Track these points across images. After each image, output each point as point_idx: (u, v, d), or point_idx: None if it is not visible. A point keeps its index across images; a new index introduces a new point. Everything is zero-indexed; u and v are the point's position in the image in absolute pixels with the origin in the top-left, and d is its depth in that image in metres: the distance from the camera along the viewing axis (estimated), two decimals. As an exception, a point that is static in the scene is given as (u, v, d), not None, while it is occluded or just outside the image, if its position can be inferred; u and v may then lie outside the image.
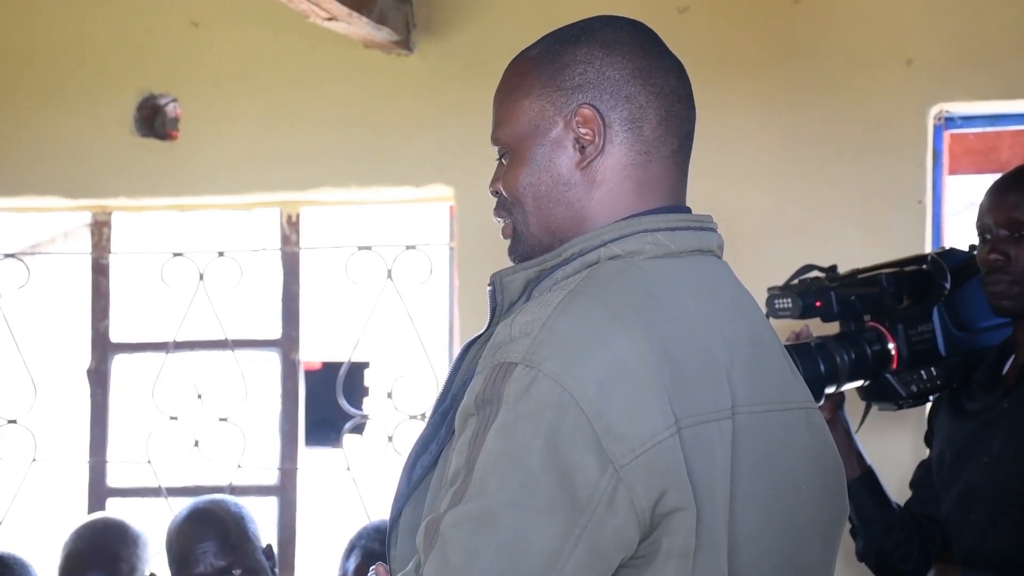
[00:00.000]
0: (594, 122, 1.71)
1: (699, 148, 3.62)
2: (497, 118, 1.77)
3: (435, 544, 1.55)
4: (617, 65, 1.73)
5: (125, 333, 4.24)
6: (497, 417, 1.55)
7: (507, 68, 1.78)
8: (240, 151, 3.95)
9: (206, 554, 2.93)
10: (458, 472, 1.57)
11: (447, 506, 1.56)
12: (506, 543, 1.53)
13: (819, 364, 2.68)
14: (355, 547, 3.17)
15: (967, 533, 2.65)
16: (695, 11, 3.69)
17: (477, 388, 1.59)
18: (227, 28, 3.97)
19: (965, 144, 3.77)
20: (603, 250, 1.68)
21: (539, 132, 1.73)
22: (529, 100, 1.73)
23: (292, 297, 4.06)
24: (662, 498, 1.56)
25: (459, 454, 1.58)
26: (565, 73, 1.73)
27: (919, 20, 3.56)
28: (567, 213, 1.73)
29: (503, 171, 1.77)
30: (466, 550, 1.53)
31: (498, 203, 1.78)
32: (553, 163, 1.73)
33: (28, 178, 4.05)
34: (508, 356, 1.58)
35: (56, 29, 4.05)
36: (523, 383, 1.56)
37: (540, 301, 1.63)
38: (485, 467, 1.54)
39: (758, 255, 3.55)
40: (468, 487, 1.55)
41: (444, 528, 1.54)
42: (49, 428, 4.39)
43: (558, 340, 1.57)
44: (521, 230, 1.75)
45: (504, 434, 1.55)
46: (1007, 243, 2.63)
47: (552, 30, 1.79)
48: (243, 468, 4.01)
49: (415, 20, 3.81)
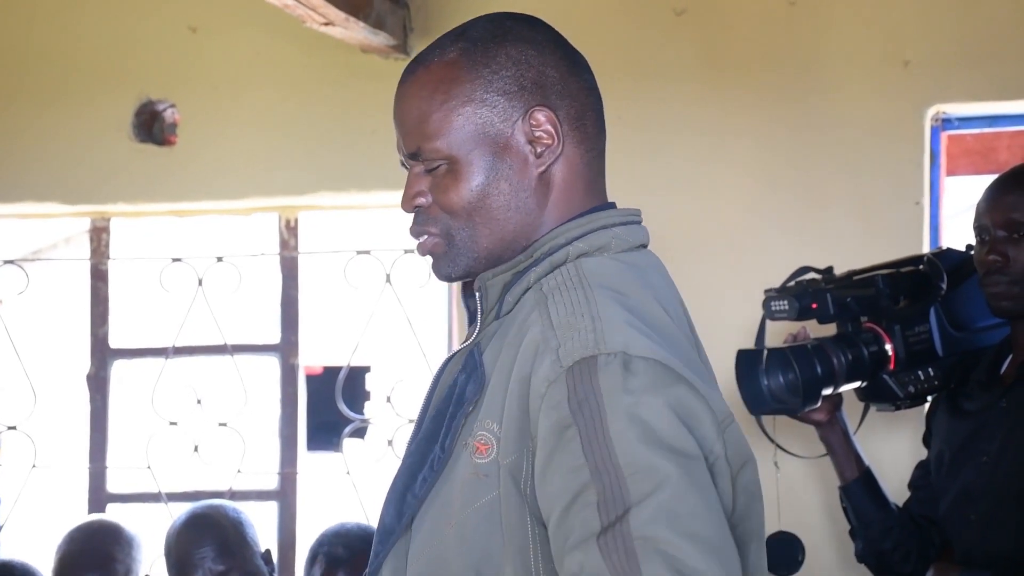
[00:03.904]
0: (551, 124, 1.67)
1: (698, 148, 3.65)
2: (424, 129, 1.66)
3: (644, 553, 1.42)
4: (553, 63, 1.69)
5: (124, 339, 4.24)
6: (608, 411, 1.48)
7: (414, 75, 1.69)
8: (238, 156, 3.95)
9: (205, 559, 2.93)
10: (586, 485, 1.46)
11: (608, 517, 1.44)
12: (697, 512, 1.46)
13: (816, 366, 2.67)
14: (318, 554, 3.15)
15: (966, 533, 2.64)
16: (692, 13, 3.69)
17: (557, 398, 1.50)
18: (225, 33, 3.97)
19: (963, 145, 3.77)
20: (570, 248, 1.66)
21: (487, 140, 1.65)
22: (470, 107, 1.65)
23: (291, 302, 4.06)
24: (742, 470, 1.58)
25: (575, 471, 1.47)
26: (503, 76, 1.66)
27: (916, 21, 3.57)
28: (525, 220, 1.67)
29: (435, 184, 1.67)
30: (682, 535, 1.43)
31: (423, 218, 1.69)
32: (511, 170, 1.66)
33: (27, 184, 4.05)
34: (579, 353, 1.51)
35: (54, 35, 4.05)
36: (618, 370, 1.50)
37: (554, 300, 1.59)
38: (635, 457, 1.46)
39: (756, 256, 3.55)
40: (625, 486, 1.45)
41: (641, 533, 1.43)
42: (49, 434, 4.39)
43: (621, 325, 1.54)
44: (464, 244, 1.67)
45: (634, 420, 1.48)
46: (1005, 244, 2.62)
47: (447, 32, 1.71)
48: (243, 473, 4.01)
49: (412, 24, 3.81)
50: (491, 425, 1.58)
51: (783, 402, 2.68)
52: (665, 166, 3.67)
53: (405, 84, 1.70)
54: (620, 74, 3.67)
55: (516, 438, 1.55)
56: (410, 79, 1.69)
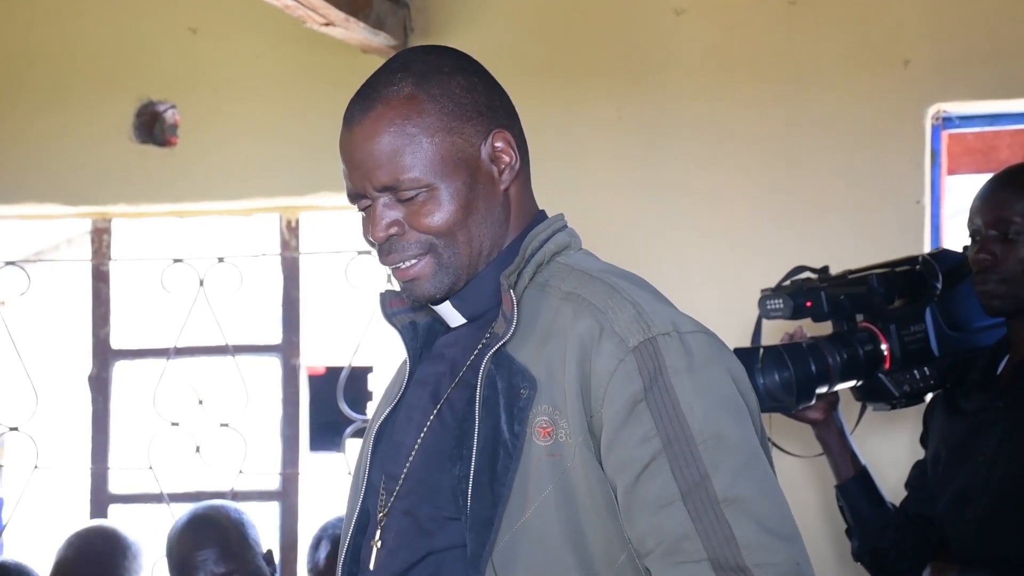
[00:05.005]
0: (511, 144, 1.81)
1: (697, 148, 3.65)
2: (400, 162, 1.75)
3: (732, 515, 1.62)
4: (494, 88, 1.82)
5: (126, 339, 4.25)
6: (675, 386, 1.65)
7: (372, 112, 1.76)
8: (239, 157, 3.95)
9: (206, 561, 2.94)
10: (657, 453, 1.64)
11: (685, 482, 1.62)
12: (763, 469, 1.68)
13: (810, 364, 2.69)
14: (322, 538, 3.17)
15: (963, 532, 2.64)
16: (691, 13, 3.68)
17: (628, 375, 1.66)
18: (225, 34, 3.98)
19: (963, 144, 3.77)
20: (544, 249, 1.81)
21: (460, 165, 1.77)
22: (439, 136, 1.76)
23: (292, 302, 4.07)
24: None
25: (645, 441, 1.64)
26: (462, 104, 1.78)
27: (916, 20, 3.56)
28: (498, 232, 1.81)
29: (412, 212, 1.76)
30: (760, 492, 1.64)
31: (401, 245, 1.78)
32: (484, 189, 1.78)
33: (28, 185, 4.06)
34: (640, 335, 1.67)
35: (55, 36, 4.05)
36: (678, 348, 1.68)
37: (588, 293, 1.73)
38: (705, 426, 1.65)
39: (756, 255, 3.55)
40: (698, 453, 1.63)
41: (725, 495, 1.62)
42: (51, 435, 4.38)
43: (657, 305, 1.73)
44: (450, 263, 1.78)
45: (699, 392, 1.66)
46: (995, 243, 2.63)
47: (374, 74, 1.81)
48: (244, 473, 4.01)
49: (412, 25, 3.81)
50: (547, 409, 1.69)
51: (778, 400, 2.69)
52: (665, 165, 3.67)
53: (363, 123, 1.77)
54: (619, 74, 3.67)
55: (578, 414, 1.68)
56: (368, 116, 1.77)
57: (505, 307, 1.75)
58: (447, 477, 1.72)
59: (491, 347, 1.73)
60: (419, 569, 1.74)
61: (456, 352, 1.82)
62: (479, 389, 1.72)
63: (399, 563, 1.76)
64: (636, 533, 1.66)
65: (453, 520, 1.72)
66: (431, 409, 1.80)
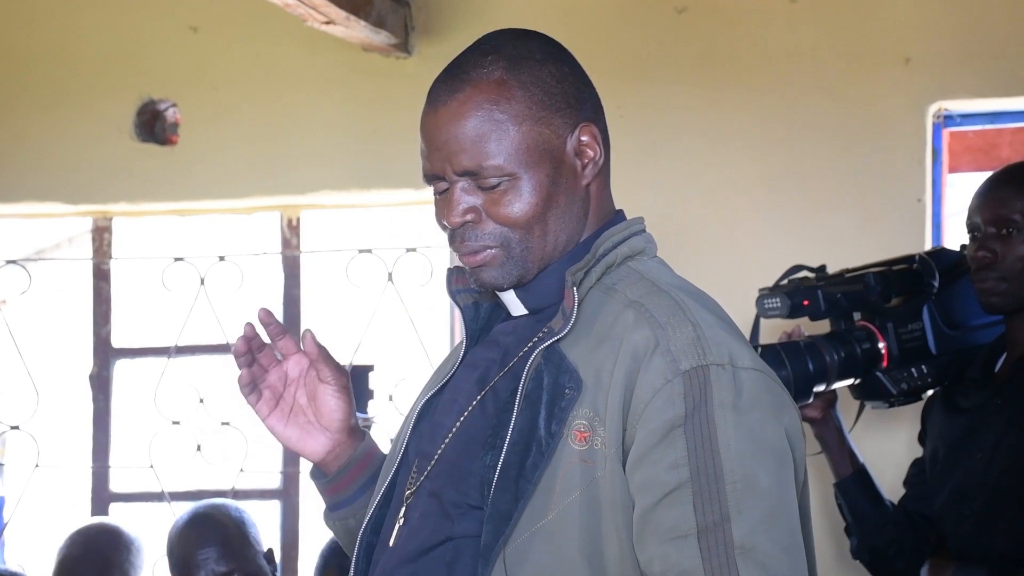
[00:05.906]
0: (597, 139, 1.76)
1: (698, 147, 3.64)
2: (485, 148, 1.71)
3: (743, 562, 1.57)
4: (583, 80, 1.78)
5: (127, 338, 4.25)
6: (717, 421, 1.60)
7: (460, 93, 1.72)
8: (240, 155, 3.95)
9: (207, 560, 2.93)
10: (683, 483, 1.60)
11: (704, 519, 1.58)
12: (789, 525, 1.62)
13: (807, 363, 2.68)
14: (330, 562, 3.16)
15: (960, 530, 2.65)
16: (693, 11, 3.68)
17: (672, 397, 1.61)
18: (226, 33, 3.98)
19: (965, 142, 3.76)
20: (617, 251, 1.75)
21: (545, 156, 1.72)
22: (527, 125, 1.71)
23: (293, 301, 4.07)
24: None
25: (674, 468, 1.60)
26: (551, 94, 1.73)
27: (917, 18, 3.56)
28: (575, 229, 1.76)
29: (492, 200, 1.72)
30: (778, 546, 1.59)
31: (475, 234, 1.74)
32: (566, 184, 1.74)
33: (29, 184, 4.06)
34: (693, 361, 1.62)
35: (56, 35, 4.05)
36: (729, 383, 1.62)
37: (651, 304, 1.68)
38: (738, 468, 1.59)
39: (757, 254, 3.55)
40: (724, 494, 1.58)
41: (742, 542, 1.58)
42: (52, 434, 4.39)
43: (719, 332, 1.66)
44: (520, 255, 1.74)
45: (741, 433, 1.61)
46: (994, 240, 2.64)
47: (463, 54, 1.76)
48: (245, 472, 4.01)
49: (413, 23, 3.81)
50: (587, 413, 1.66)
51: (777, 399, 2.68)
52: (665, 165, 3.67)
53: (449, 104, 1.72)
54: (620, 73, 3.67)
55: (616, 425, 1.64)
56: (455, 97, 1.72)
57: (566, 304, 1.71)
58: (477, 465, 1.69)
59: (545, 341, 1.70)
60: (437, 552, 1.72)
61: (511, 341, 1.79)
62: (523, 381, 1.69)
63: (418, 543, 1.73)
64: (644, 556, 1.62)
65: (476, 509, 1.69)
66: (475, 394, 1.77)
